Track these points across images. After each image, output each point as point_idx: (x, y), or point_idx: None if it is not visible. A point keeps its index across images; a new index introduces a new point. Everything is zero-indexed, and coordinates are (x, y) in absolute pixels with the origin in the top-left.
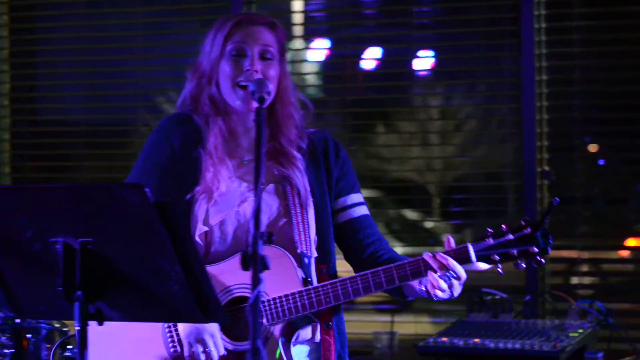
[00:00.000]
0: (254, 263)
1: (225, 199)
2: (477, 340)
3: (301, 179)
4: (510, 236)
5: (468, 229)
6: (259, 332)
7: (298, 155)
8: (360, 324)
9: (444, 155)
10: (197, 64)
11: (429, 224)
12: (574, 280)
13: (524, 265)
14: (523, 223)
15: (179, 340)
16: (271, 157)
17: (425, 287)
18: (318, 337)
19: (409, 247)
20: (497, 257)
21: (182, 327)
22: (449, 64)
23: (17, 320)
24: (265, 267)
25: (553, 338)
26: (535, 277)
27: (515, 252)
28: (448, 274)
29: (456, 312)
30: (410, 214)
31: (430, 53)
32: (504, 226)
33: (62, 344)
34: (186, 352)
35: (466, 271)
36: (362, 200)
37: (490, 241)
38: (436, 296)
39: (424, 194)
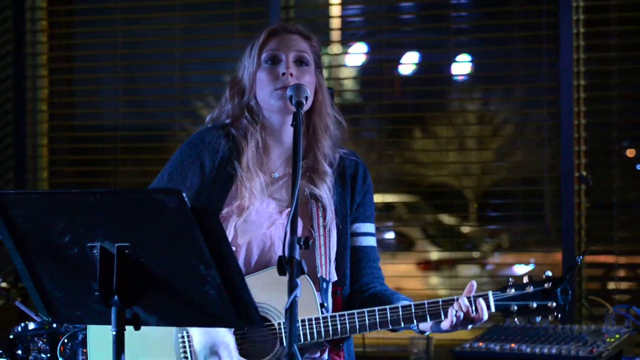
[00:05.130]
0: (291, 267)
1: (254, 219)
2: (513, 345)
3: (329, 200)
4: (531, 288)
5: (505, 234)
6: (294, 336)
7: (329, 171)
8: None
9: (481, 160)
10: (237, 78)
11: (465, 229)
12: (611, 285)
13: (539, 319)
14: (545, 277)
15: (192, 352)
16: (302, 174)
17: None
18: (325, 357)
19: (446, 252)
20: (515, 309)
21: (197, 339)
22: (486, 69)
23: (54, 325)
24: (302, 271)
25: (590, 343)
26: (573, 282)
27: (534, 305)
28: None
29: (492, 317)
30: (447, 219)
31: (468, 58)
32: (525, 278)
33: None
34: None
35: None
36: (373, 231)
37: (511, 291)
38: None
39: (460, 198)
